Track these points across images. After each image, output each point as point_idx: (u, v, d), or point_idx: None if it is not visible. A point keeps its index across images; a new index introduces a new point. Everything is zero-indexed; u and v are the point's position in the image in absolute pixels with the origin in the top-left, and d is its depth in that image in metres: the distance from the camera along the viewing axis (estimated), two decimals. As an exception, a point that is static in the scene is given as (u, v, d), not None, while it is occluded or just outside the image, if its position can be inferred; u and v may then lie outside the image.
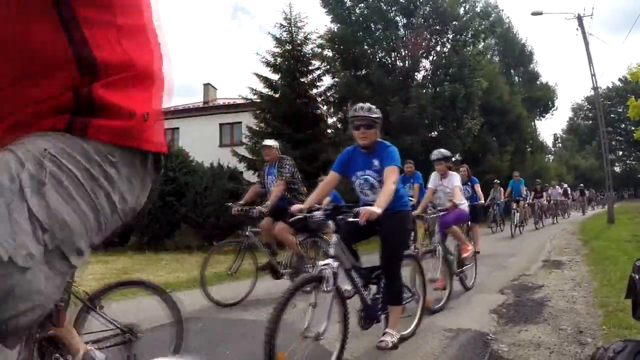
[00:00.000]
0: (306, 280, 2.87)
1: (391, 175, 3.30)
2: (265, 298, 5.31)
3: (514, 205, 13.85)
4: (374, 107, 3.55)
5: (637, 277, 1.96)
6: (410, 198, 6.92)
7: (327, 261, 2.98)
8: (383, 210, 2.99)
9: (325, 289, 2.83)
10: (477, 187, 8.53)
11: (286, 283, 4.95)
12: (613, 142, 51.94)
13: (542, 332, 3.82)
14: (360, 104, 3.56)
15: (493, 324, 4.19)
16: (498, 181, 15.65)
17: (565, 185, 24.41)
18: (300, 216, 3.32)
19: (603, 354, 1.95)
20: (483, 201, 14.86)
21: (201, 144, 19.34)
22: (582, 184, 30.34)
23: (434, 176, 5.99)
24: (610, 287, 5.20)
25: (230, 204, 5.98)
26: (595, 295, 5.02)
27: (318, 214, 3.26)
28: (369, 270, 3.47)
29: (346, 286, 3.25)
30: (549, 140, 51.25)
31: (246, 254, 5.54)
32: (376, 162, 3.49)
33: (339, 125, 18.13)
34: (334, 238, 3.14)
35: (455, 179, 5.83)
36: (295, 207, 3.47)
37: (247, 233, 5.49)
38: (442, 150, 6.10)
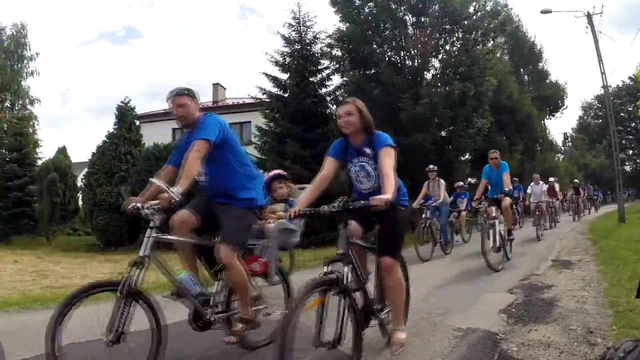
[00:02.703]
0: None
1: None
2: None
3: (494, 211, 7.60)
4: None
5: (647, 277, 1.97)
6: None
7: None
8: None
9: None
10: (386, 166, 3.10)
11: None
12: (623, 141, 51.52)
13: (552, 332, 3.83)
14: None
15: (502, 323, 4.20)
16: (434, 167, 10.21)
17: (552, 179, 17.33)
18: None
19: (613, 354, 1.97)
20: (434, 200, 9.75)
21: (211, 143, 19.40)
22: (576, 179, 23.78)
23: None
24: (621, 287, 5.18)
25: None
26: (605, 295, 5.00)
27: None
28: None
29: None
30: (559, 139, 50.76)
31: None
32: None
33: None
34: None
35: None
36: None
37: None
38: None
